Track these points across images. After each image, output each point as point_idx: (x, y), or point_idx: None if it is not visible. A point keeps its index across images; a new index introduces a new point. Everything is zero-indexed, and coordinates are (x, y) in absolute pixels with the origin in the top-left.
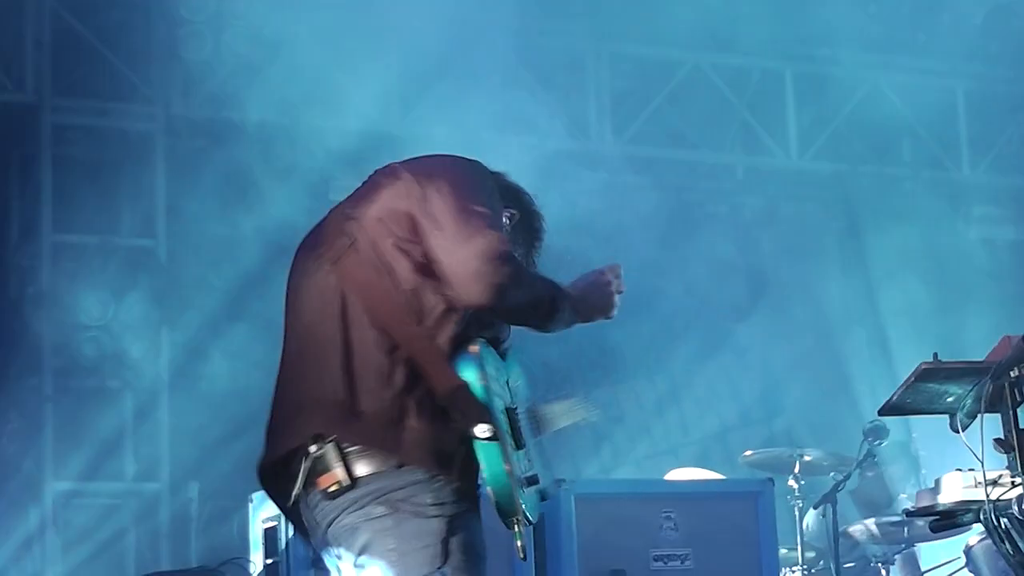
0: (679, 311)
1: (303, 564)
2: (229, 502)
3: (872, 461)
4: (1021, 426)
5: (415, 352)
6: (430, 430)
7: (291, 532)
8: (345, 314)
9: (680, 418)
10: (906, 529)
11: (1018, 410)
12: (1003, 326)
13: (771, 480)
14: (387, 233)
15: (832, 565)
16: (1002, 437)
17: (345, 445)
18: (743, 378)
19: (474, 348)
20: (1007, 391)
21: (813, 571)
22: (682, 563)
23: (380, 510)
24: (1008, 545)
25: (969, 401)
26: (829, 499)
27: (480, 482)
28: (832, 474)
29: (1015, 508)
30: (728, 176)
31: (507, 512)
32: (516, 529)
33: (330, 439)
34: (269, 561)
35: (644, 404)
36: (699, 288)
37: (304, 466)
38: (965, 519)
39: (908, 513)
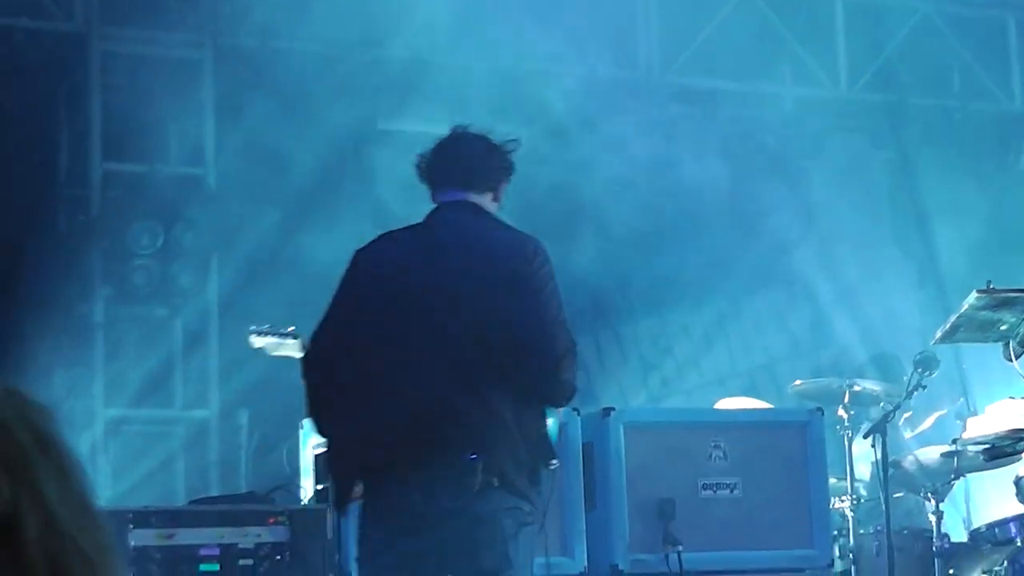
0: (726, 243)
1: None
2: (279, 429)
3: (921, 392)
4: None
5: None
6: None
7: None
8: None
9: (728, 349)
10: (956, 459)
11: None
12: None
13: (820, 410)
14: None
15: (881, 495)
16: None
17: None
18: (792, 309)
19: None
20: None
21: (862, 501)
22: (731, 492)
23: None
24: None
25: (1023, 329)
26: (878, 429)
27: None
28: (882, 404)
29: None
30: (776, 107)
31: None
32: None
33: None
34: (320, 487)
35: (692, 335)
36: (747, 220)
37: None
38: (1018, 447)
39: (958, 442)
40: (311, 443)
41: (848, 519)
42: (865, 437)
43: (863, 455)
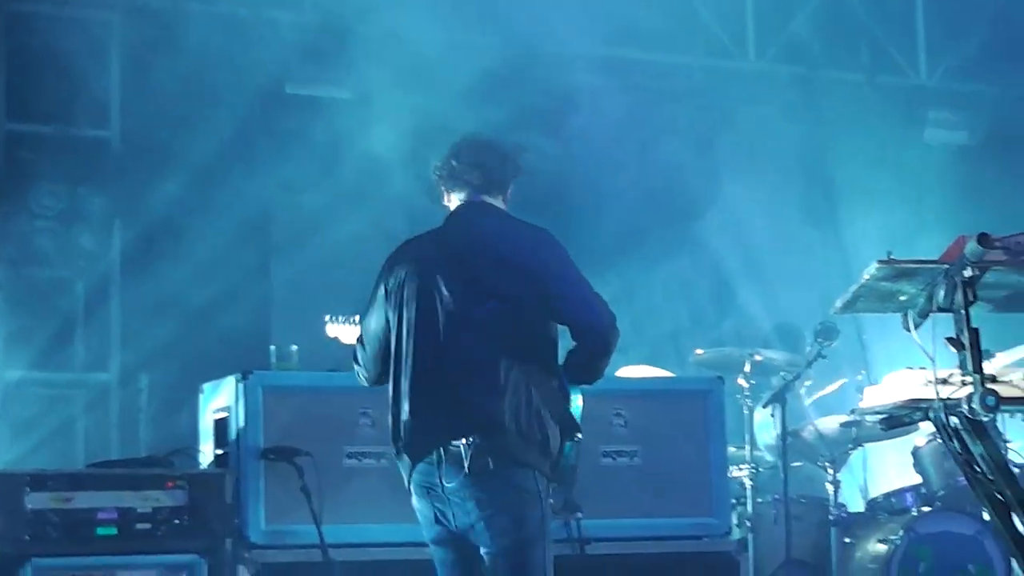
0: (634, 212)
1: (253, 455)
2: (179, 394)
3: (822, 362)
4: (973, 325)
5: None
6: None
7: (243, 423)
8: None
9: (633, 318)
10: (854, 429)
11: (970, 309)
12: (958, 228)
13: (721, 379)
14: None
15: (780, 464)
16: (954, 336)
17: None
18: (696, 279)
19: None
20: (960, 290)
21: (761, 469)
22: (631, 460)
23: None
24: (956, 444)
25: (922, 300)
26: (778, 399)
27: None
28: (782, 374)
29: (964, 407)
30: (687, 77)
31: None
32: None
33: None
34: (219, 451)
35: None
36: (655, 189)
37: None
38: (915, 417)
39: (857, 412)
40: (211, 407)
41: (747, 487)
42: (765, 406)
43: (763, 424)
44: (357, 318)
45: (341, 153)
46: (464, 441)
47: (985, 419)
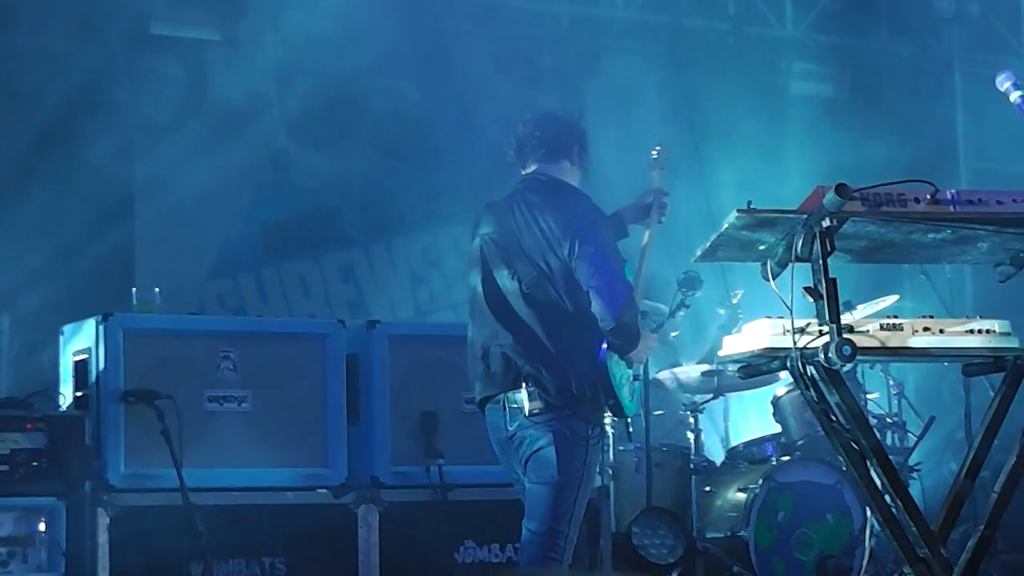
0: (499, 159)
1: (113, 398)
2: (40, 335)
3: (684, 311)
4: (831, 275)
5: None
6: None
7: (103, 365)
8: None
9: None
10: (716, 378)
11: (828, 259)
12: (819, 179)
13: None
14: None
15: (642, 412)
16: (812, 286)
17: None
18: None
19: None
20: (818, 240)
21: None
22: None
23: None
24: (813, 392)
25: (781, 250)
26: None
27: None
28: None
29: (821, 356)
30: (553, 24)
31: None
32: None
33: None
34: (79, 394)
35: (461, 250)
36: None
37: None
38: (772, 366)
39: (716, 360)
40: (71, 349)
41: (609, 435)
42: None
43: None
44: None
45: (206, 95)
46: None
47: (841, 368)
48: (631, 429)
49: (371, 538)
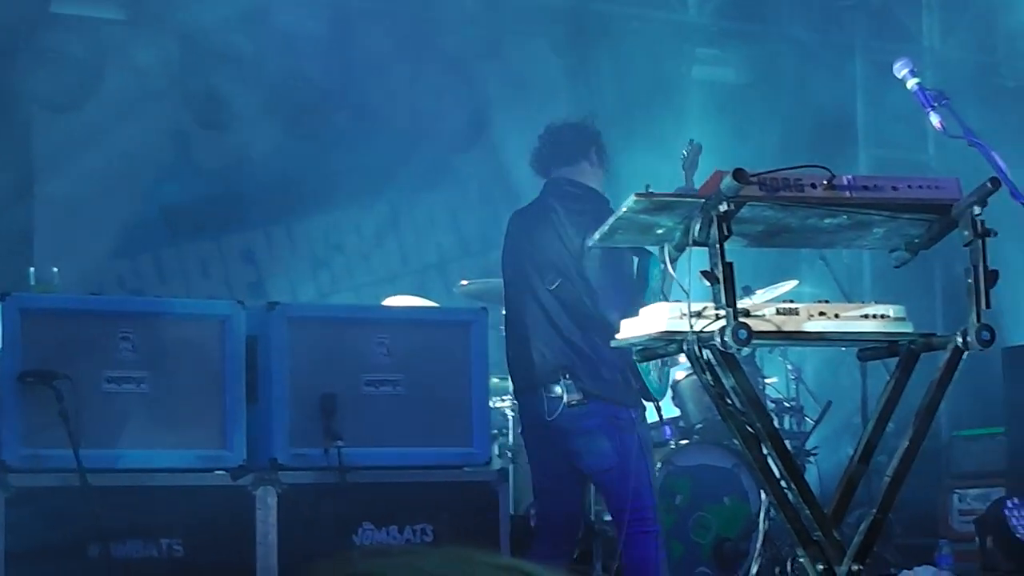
0: (402, 141)
1: (10, 378)
2: None
3: None
4: (728, 259)
5: None
6: None
7: (0, 345)
8: None
9: (399, 247)
10: None
11: (725, 244)
12: (720, 164)
13: (485, 309)
14: None
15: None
16: (708, 269)
17: None
18: (463, 209)
19: None
20: (716, 224)
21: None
22: (394, 389)
23: None
24: (709, 376)
25: (679, 234)
26: None
27: None
28: None
29: (717, 340)
30: (456, 7)
31: None
32: None
33: None
34: None
35: (364, 232)
36: (423, 118)
37: None
38: (669, 349)
39: (614, 343)
40: None
41: (509, 419)
42: None
43: None
44: None
45: (107, 74)
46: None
47: (737, 352)
48: (662, 413)
49: (269, 520)
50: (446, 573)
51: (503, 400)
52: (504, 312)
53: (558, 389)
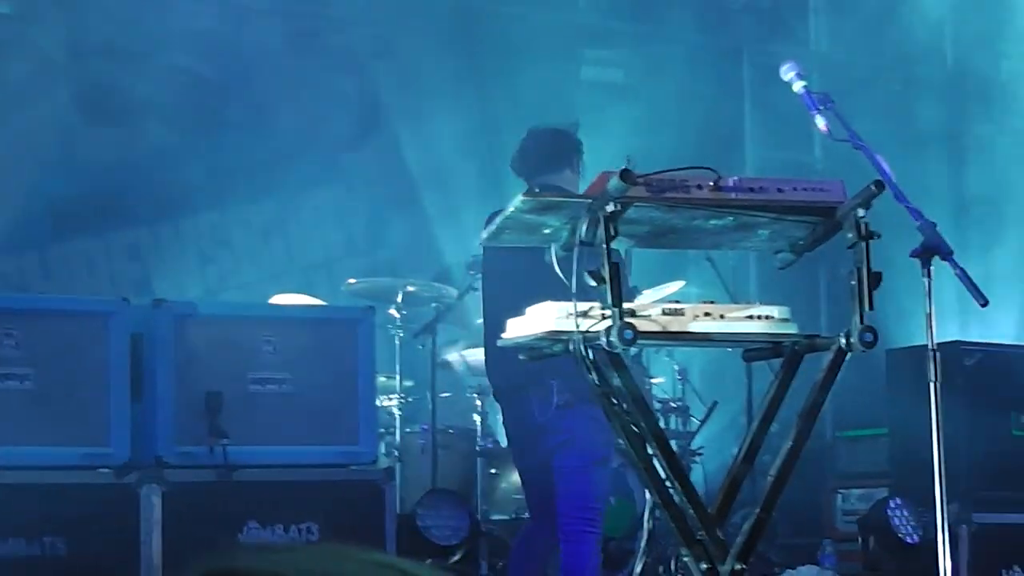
0: (289, 138)
1: None
2: None
3: (474, 294)
4: (614, 260)
5: None
6: None
7: None
8: None
9: (287, 245)
10: None
11: (612, 244)
12: (609, 164)
13: (372, 308)
14: None
15: (429, 394)
16: (595, 270)
17: None
18: (350, 208)
19: None
20: (602, 225)
21: (410, 399)
22: (280, 387)
23: None
24: (595, 376)
25: (566, 233)
26: (430, 329)
27: None
28: (434, 304)
29: (603, 339)
30: (347, 4)
31: None
32: None
33: None
34: None
35: (251, 230)
36: (311, 115)
37: None
38: (555, 349)
39: (500, 342)
40: None
41: (396, 417)
42: (415, 337)
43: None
44: None
45: None
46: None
47: (623, 352)
48: None
49: (153, 518)
50: (323, 568)
51: (390, 399)
52: (483, 311)
53: (547, 390)
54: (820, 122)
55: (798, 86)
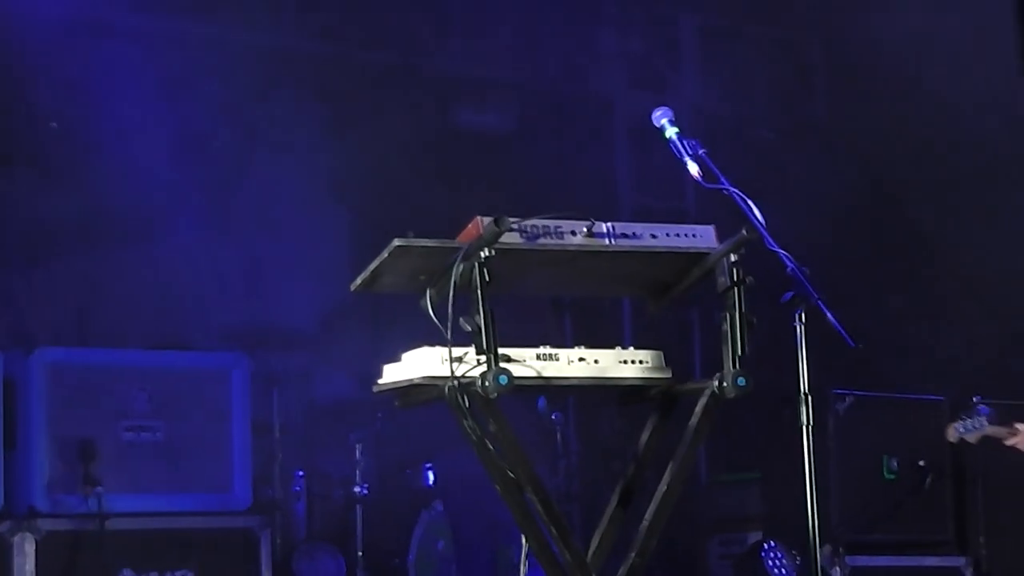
0: (164, 184)
1: None
2: None
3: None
4: (488, 305)
5: None
6: None
7: None
8: None
9: (160, 291)
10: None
11: (486, 289)
12: (484, 211)
13: (246, 355)
14: None
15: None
16: (469, 316)
17: None
18: (226, 251)
19: None
20: (477, 271)
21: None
22: (153, 434)
23: None
24: (470, 421)
25: (441, 279)
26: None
27: None
28: None
29: (478, 385)
30: (219, 50)
31: None
32: None
33: None
34: None
35: (126, 275)
36: (187, 162)
37: None
38: (431, 394)
39: (376, 387)
40: None
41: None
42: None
43: None
44: None
45: None
46: None
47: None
48: None
49: (27, 567)
50: None
51: None
52: None
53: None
54: (692, 168)
55: (671, 132)
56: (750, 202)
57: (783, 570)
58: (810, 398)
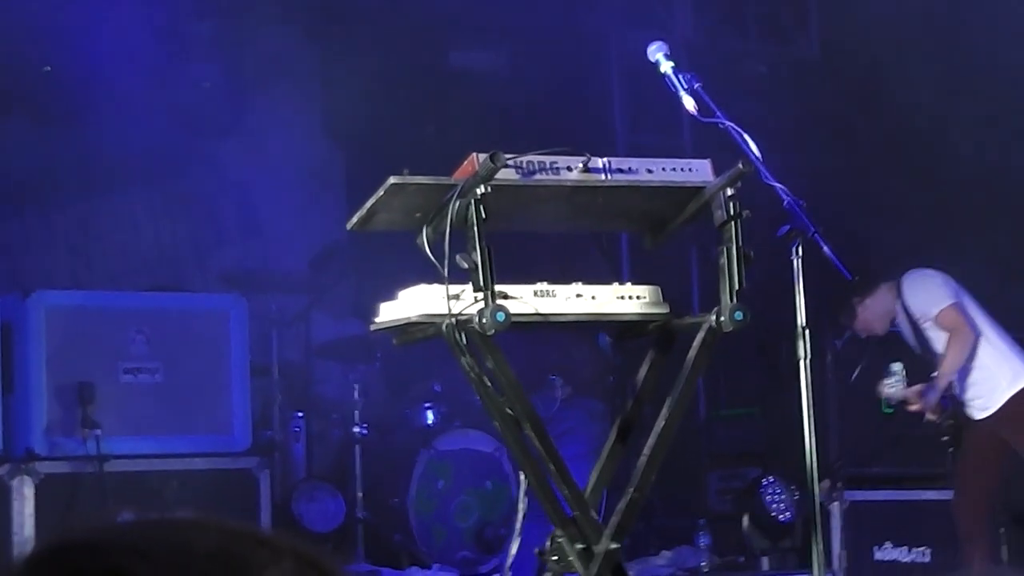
0: (157, 128)
1: None
2: None
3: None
4: (485, 242)
5: None
6: None
7: None
8: None
9: (156, 235)
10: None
11: (483, 226)
12: (475, 146)
13: (243, 297)
14: None
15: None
16: (466, 253)
17: None
18: (220, 197)
19: None
20: (473, 207)
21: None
22: (152, 376)
23: None
24: (468, 358)
25: (437, 217)
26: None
27: None
28: None
29: (475, 322)
30: None
31: None
32: None
33: None
34: None
35: (121, 221)
36: (179, 105)
37: None
38: (428, 332)
39: (373, 326)
40: None
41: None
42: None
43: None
44: None
45: None
46: None
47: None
48: None
49: (26, 510)
50: (173, 539)
51: None
52: None
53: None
54: (688, 102)
55: (666, 66)
56: (746, 136)
57: (782, 505)
58: (807, 332)
